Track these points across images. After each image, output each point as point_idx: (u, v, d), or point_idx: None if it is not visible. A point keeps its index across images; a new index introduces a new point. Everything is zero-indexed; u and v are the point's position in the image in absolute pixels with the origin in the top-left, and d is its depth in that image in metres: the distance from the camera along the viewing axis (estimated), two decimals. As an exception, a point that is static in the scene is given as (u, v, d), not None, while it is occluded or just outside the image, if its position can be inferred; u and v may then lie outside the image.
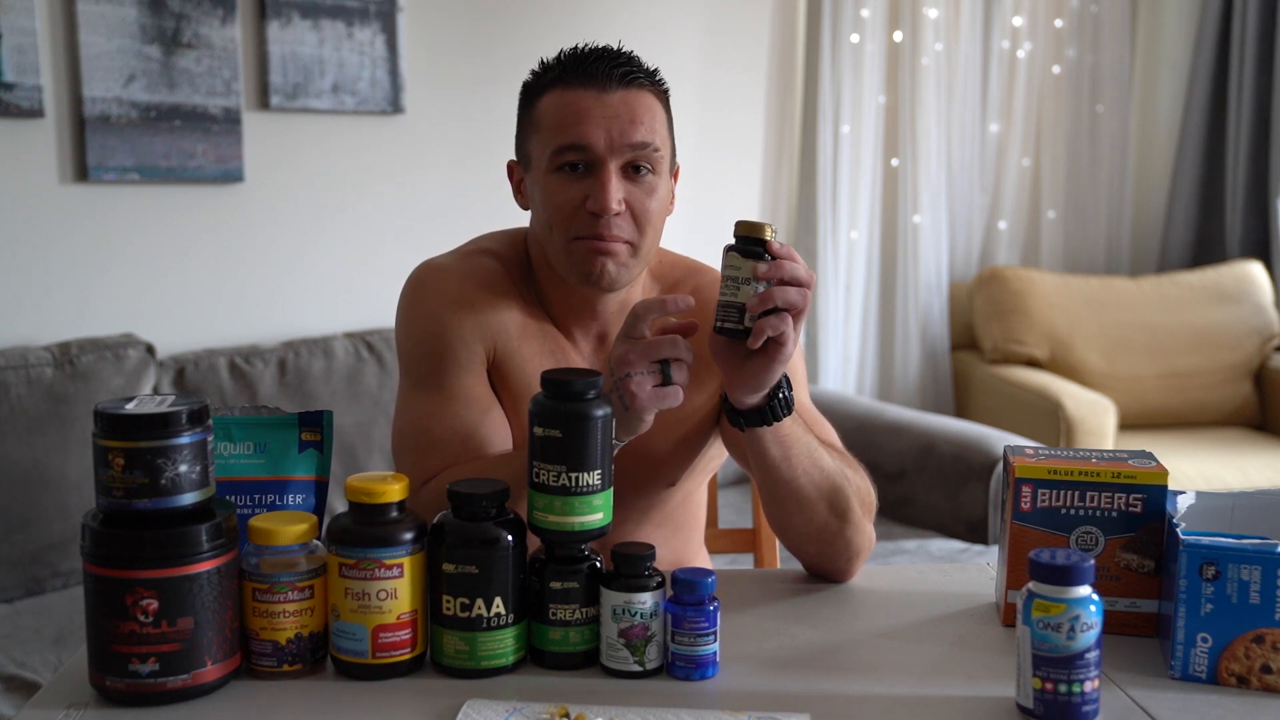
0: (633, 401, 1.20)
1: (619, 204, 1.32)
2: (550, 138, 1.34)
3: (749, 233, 1.19)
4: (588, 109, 1.33)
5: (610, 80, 1.33)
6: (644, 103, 1.35)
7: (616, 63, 1.34)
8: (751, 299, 1.18)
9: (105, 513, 1.07)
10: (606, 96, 1.33)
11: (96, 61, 2.60)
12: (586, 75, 1.34)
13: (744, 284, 1.18)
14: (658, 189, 1.36)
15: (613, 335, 1.44)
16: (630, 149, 1.33)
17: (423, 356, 1.40)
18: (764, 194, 3.72)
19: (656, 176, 1.36)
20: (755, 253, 1.18)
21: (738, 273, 1.18)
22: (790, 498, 1.31)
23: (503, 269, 1.44)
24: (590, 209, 1.33)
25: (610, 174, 1.32)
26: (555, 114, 1.34)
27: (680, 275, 1.49)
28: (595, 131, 1.32)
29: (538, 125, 1.37)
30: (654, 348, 1.21)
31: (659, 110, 1.37)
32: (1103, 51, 4.13)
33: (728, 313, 1.20)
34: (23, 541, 2.39)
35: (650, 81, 1.37)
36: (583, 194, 1.33)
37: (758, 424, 1.26)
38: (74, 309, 2.67)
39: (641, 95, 1.35)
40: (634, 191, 1.34)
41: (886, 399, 3.88)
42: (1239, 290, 3.91)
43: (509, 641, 1.13)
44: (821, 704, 1.08)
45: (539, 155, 1.36)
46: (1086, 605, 1.02)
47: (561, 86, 1.35)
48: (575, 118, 1.33)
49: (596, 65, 1.34)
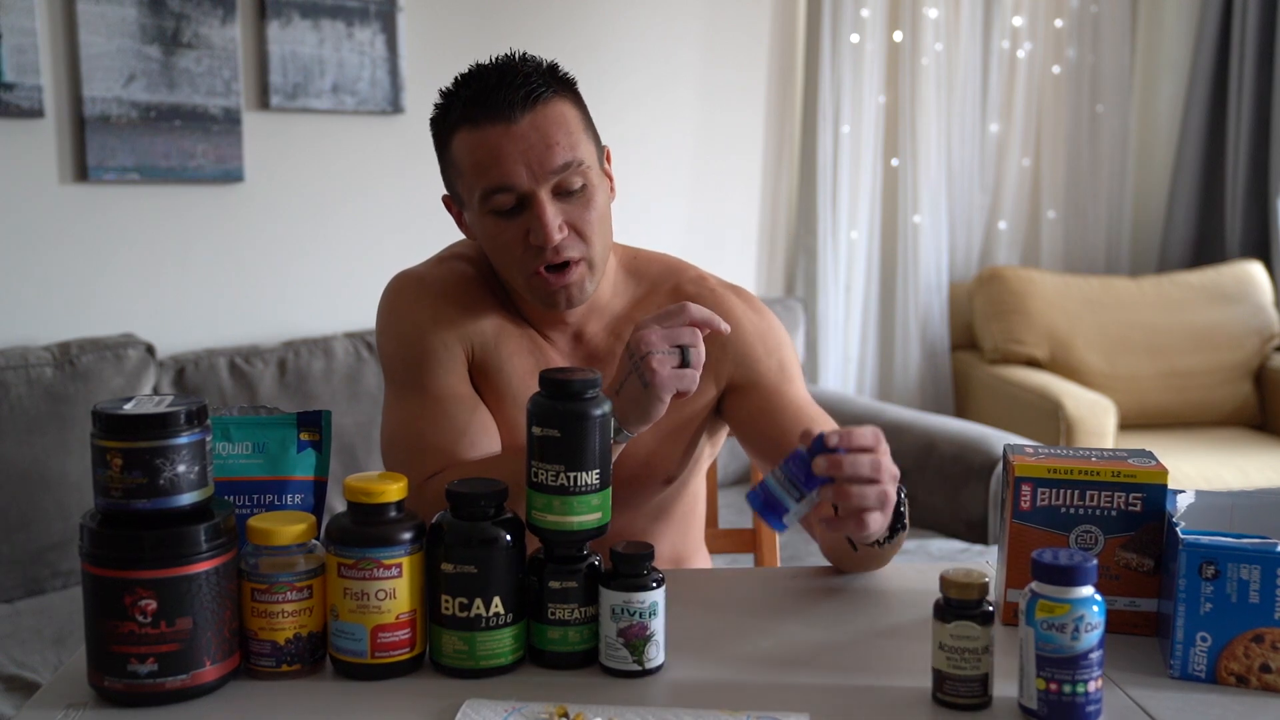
0: (653, 378, 1.20)
1: (560, 229, 1.31)
2: (473, 182, 1.32)
3: (962, 595, 1.05)
4: (499, 146, 1.29)
5: (514, 108, 1.29)
6: (553, 117, 1.31)
7: (514, 85, 1.30)
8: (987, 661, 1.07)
9: (104, 513, 1.07)
10: (514, 127, 1.29)
11: (96, 61, 2.60)
12: (489, 109, 1.30)
13: (984, 653, 1.06)
14: (594, 198, 1.34)
15: (589, 333, 1.45)
16: (554, 174, 1.31)
17: (404, 361, 1.41)
18: (764, 194, 3.72)
19: (590, 185, 1.34)
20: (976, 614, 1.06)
21: (975, 643, 1.05)
22: (862, 563, 1.36)
23: (476, 273, 1.45)
24: (534, 243, 1.32)
25: (544, 205, 1.30)
26: (470, 156, 1.32)
27: (659, 272, 1.49)
28: (515, 168, 1.29)
29: (457, 168, 1.35)
30: (675, 333, 1.22)
31: (570, 115, 1.33)
32: (1103, 51, 4.12)
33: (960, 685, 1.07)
34: (23, 541, 2.39)
35: (552, 87, 1.32)
36: (522, 230, 1.32)
37: (872, 544, 1.28)
38: (74, 309, 2.67)
39: (549, 109, 1.31)
40: (570, 210, 1.33)
41: (886, 399, 3.88)
42: (1239, 290, 3.91)
43: (508, 641, 1.13)
44: (821, 704, 1.08)
45: (468, 197, 1.35)
46: (1090, 605, 1.02)
47: (468, 125, 1.32)
48: (491, 158, 1.30)
49: (496, 95, 1.29)
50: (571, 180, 1.32)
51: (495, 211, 1.32)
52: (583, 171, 1.33)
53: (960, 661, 1.06)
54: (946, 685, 1.07)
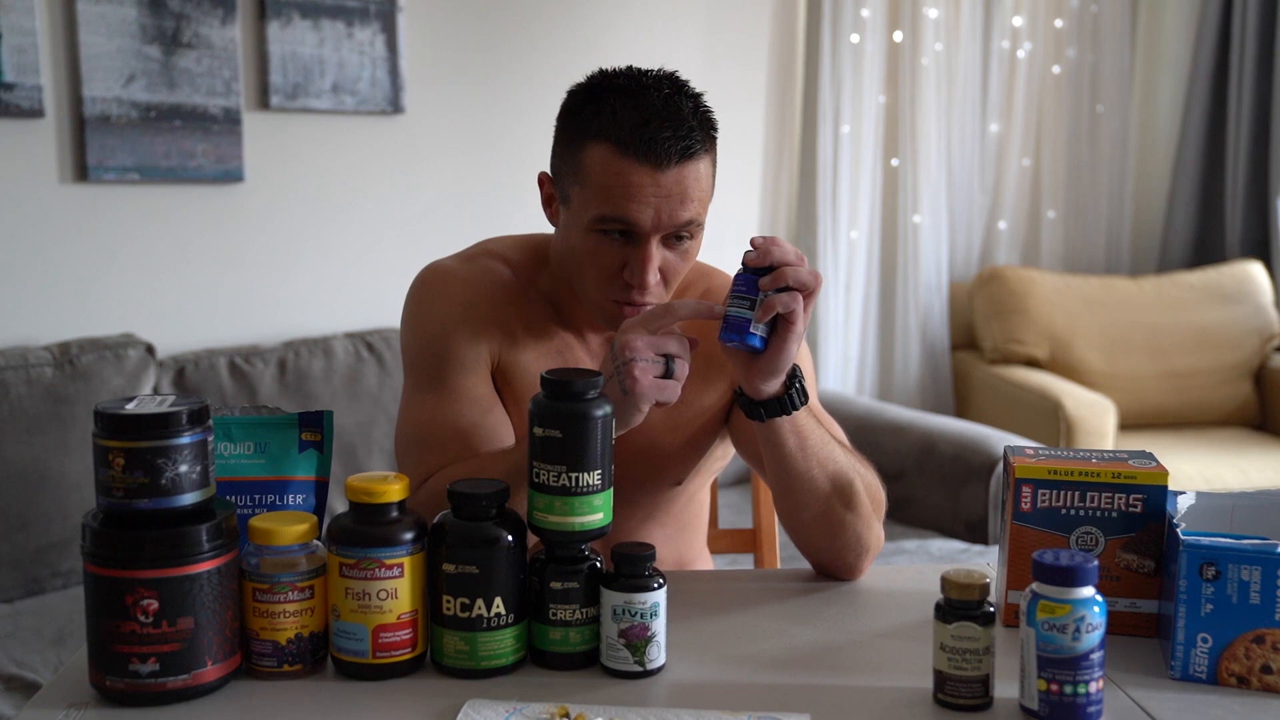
0: (633, 386, 1.19)
1: (656, 273, 1.31)
2: (595, 200, 1.29)
3: (963, 596, 1.07)
4: (639, 186, 1.27)
5: (669, 157, 1.26)
6: (696, 175, 1.29)
7: (679, 135, 1.27)
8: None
9: (105, 513, 1.07)
10: (662, 175, 1.27)
11: (96, 61, 2.60)
12: (644, 147, 1.26)
13: (985, 654, 1.08)
14: (693, 251, 1.35)
15: None
16: (675, 228, 1.30)
17: (426, 358, 1.41)
18: (764, 194, 3.72)
19: (695, 241, 1.34)
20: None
21: (976, 644, 1.07)
22: (803, 489, 1.31)
23: (509, 272, 1.44)
24: (627, 279, 1.31)
25: (651, 252, 1.30)
26: (603, 178, 1.28)
27: (691, 277, 1.49)
28: (644, 211, 1.27)
29: (582, 176, 1.30)
30: (662, 341, 1.21)
31: (707, 174, 1.32)
32: (1103, 51, 4.12)
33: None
34: (23, 541, 2.39)
35: (705, 143, 1.31)
36: (621, 260, 1.31)
37: (776, 414, 1.25)
38: (74, 309, 2.67)
39: (696, 166, 1.29)
40: (670, 259, 1.32)
41: (886, 399, 3.88)
42: (1239, 290, 3.91)
43: (509, 641, 1.13)
44: (821, 704, 1.08)
45: (579, 205, 1.32)
46: (1091, 606, 1.02)
47: (615, 146, 1.27)
48: (625, 192, 1.27)
49: (657, 135, 1.26)
50: (685, 232, 1.32)
51: (601, 232, 1.31)
52: (694, 230, 1.33)
53: (961, 662, 1.06)
54: (947, 686, 1.07)
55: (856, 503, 1.33)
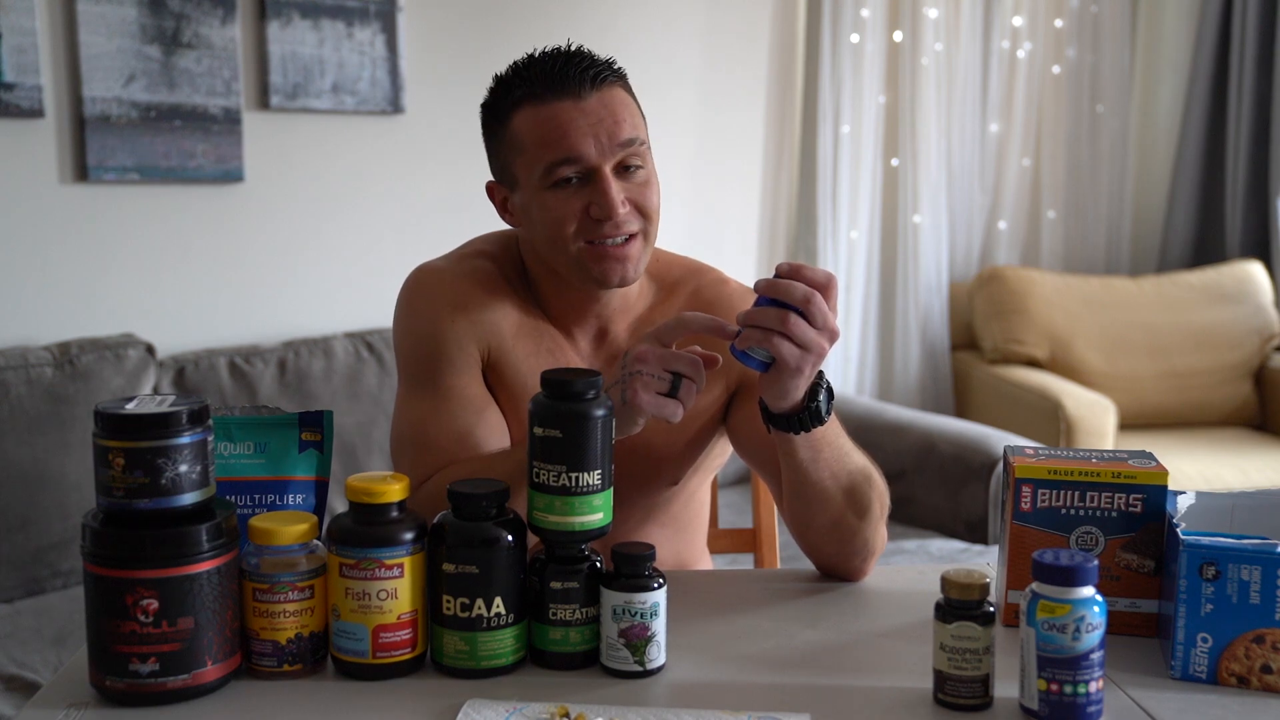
0: (634, 398, 1.20)
1: (624, 204, 1.33)
2: (537, 155, 1.33)
3: (963, 596, 1.07)
4: (569, 119, 1.32)
5: (583, 85, 1.32)
6: (618, 99, 1.35)
7: (582, 65, 1.33)
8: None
9: (105, 512, 1.07)
10: (583, 102, 1.32)
11: (96, 61, 2.60)
12: (558, 84, 1.32)
13: (985, 654, 1.07)
14: (651, 180, 1.37)
15: (613, 331, 1.45)
16: (620, 148, 1.33)
17: (419, 359, 1.41)
18: (764, 194, 3.72)
19: (647, 169, 1.37)
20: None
21: (976, 644, 1.07)
22: (815, 499, 1.31)
23: (497, 270, 1.45)
24: (596, 216, 1.33)
25: (608, 179, 1.32)
26: (535, 131, 1.33)
27: (680, 274, 1.49)
28: (584, 141, 1.31)
29: (518, 145, 1.35)
30: (675, 358, 1.21)
31: (631, 101, 1.38)
32: (1103, 51, 4.12)
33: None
34: (23, 541, 2.39)
35: (615, 74, 1.37)
36: (583, 203, 1.33)
37: (785, 429, 1.25)
38: (74, 309, 2.67)
39: (614, 91, 1.35)
40: (631, 189, 1.35)
41: (886, 399, 3.88)
42: (1239, 290, 3.91)
43: (509, 641, 1.13)
44: (821, 704, 1.08)
45: (527, 174, 1.35)
46: (1091, 606, 1.02)
47: (533, 101, 1.33)
48: (559, 131, 1.32)
49: (566, 72, 1.32)
50: (633, 158, 1.34)
51: (557, 184, 1.33)
52: (643, 153, 1.36)
53: (961, 662, 1.06)
54: (947, 686, 1.07)
55: (867, 508, 1.33)
